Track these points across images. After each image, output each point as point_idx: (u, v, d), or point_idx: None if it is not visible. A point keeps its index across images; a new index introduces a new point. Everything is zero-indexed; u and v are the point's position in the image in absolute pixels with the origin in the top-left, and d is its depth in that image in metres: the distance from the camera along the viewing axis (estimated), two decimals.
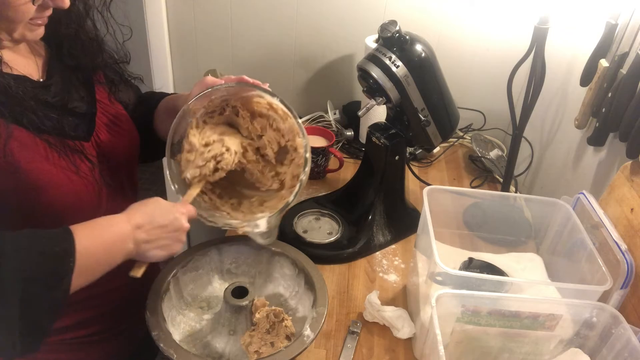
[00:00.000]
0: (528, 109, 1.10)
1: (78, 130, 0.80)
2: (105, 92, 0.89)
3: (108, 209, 0.81)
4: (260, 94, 0.84)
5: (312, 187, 1.32)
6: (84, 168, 0.78)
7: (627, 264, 0.80)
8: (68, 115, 0.79)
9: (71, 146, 0.77)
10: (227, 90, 0.83)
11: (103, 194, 0.83)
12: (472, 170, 1.45)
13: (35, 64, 0.79)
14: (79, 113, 0.82)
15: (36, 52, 0.81)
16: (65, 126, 0.77)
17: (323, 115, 1.58)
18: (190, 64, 1.63)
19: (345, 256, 1.10)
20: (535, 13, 1.03)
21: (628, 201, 0.87)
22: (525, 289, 0.88)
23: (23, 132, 0.71)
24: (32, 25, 0.71)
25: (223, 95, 0.84)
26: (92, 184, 0.80)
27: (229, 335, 0.85)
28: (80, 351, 0.90)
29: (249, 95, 0.85)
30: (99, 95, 0.87)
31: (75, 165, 0.76)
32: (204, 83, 0.83)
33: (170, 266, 0.91)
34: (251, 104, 0.85)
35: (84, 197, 0.79)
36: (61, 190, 0.75)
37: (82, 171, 0.78)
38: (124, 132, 0.89)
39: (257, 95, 0.84)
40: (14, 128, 0.69)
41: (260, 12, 1.50)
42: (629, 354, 0.72)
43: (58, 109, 0.77)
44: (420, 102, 1.02)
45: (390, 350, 0.92)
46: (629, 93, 0.93)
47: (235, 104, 0.85)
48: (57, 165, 0.74)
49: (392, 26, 0.97)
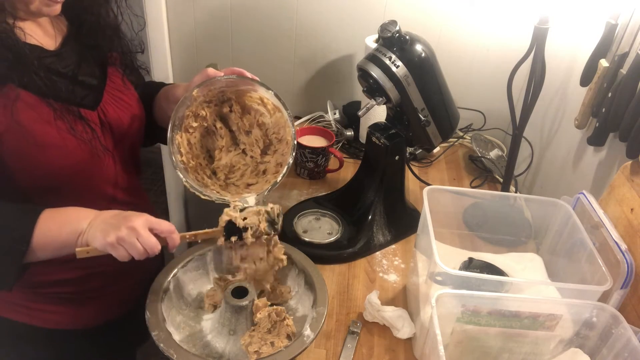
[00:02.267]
0: (528, 109, 1.10)
1: (85, 99, 0.86)
2: (119, 73, 0.95)
3: (109, 176, 0.90)
4: (256, 88, 0.89)
5: (312, 187, 1.32)
6: (84, 134, 0.83)
7: (627, 264, 0.80)
8: (78, 85, 0.85)
9: (74, 112, 0.82)
10: (226, 82, 0.88)
11: (104, 161, 0.88)
12: (472, 170, 1.45)
13: (53, 37, 0.85)
14: (89, 85, 0.87)
15: (57, 27, 0.87)
16: (72, 94, 0.83)
17: (323, 115, 1.58)
18: (190, 63, 1.63)
19: (345, 256, 1.10)
20: (535, 13, 1.03)
21: (628, 201, 0.87)
22: (525, 289, 0.88)
23: (30, 95, 0.77)
24: (48, 1, 0.77)
25: (222, 86, 0.89)
26: (92, 150, 0.84)
27: (229, 335, 0.85)
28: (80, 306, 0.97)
29: (243, 89, 0.90)
30: (111, 74, 0.92)
31: (75, 129, 0.81)
32: (205, 73, 0.88)
33: (170, 266, 0.91)
34: (244, 97, 0.91)
35: (83, 161, 0.83)
36: (61, 151, 0.80)
37: (82, 136, 0.82)
38: (130, 107, 0.94)
39: (251, 89, 0.90)
40: (22, 91, 0.76)
41: (260, 12, 1.50)
42: (629, 354, 0.72)
43: (68, 78, 0.83)
44: (420, 102, 1.02)
45: (390, 350, 0.92)
46: (629, 93, 0.93)
47: (231, 97, 0.91)
48: (59, 128, 0.79)
49: (392, 26, 0.97)
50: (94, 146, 0.84)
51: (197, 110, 0.89)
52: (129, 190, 0.96)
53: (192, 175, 0.89)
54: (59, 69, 0.83)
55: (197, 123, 0.90)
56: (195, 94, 0.87)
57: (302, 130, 1.37)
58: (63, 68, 0.83)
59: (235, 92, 0.91)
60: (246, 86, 0.90)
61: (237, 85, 0.90)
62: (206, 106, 0.90)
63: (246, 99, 0.92)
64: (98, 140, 0.85)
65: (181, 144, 0.88)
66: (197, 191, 0.87)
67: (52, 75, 0.80)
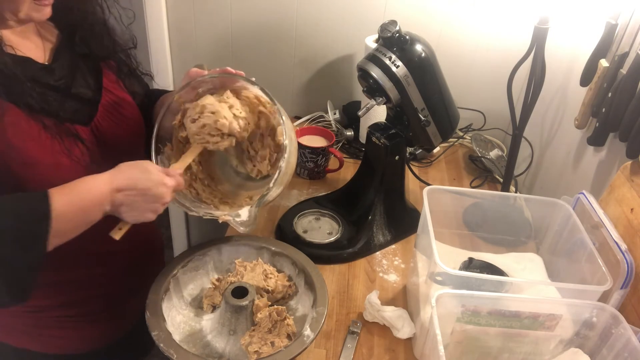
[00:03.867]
0: (528, 109, 1.10)
1: (78, 114, 0.82)
2: (114, 79, 0.90)
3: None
4: (244, 85, 0.86)
5: (312, 187, 1.32)
6: (76, 151, 0.79)
7: (627, 264, 0.80)
8: (70, 99, 0.81)
9: (66, 129, 0.78)
10: (212, 81, 0.85)
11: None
12: (472, 170, 1.45)
13: (42, 48, 0.81)
14: (83, 98, 0.83)
15: (45, 38, 0.82)
16: (64, 109, 0.79)
17: (323, 115, 1.58)
18: (190, 64, 1.63)
19: (345, 256, 1.10)
20: (535, 13, 1.03)
21: (628, 201, 0.87)
22: (525, 289, 0.88)
23: (18, 111, 0.72)
24: (37, 5, 0.72)
25: (209, 87, 0.86)
26: (85, 168, 0.80)
27: (229, 335, 0.85)
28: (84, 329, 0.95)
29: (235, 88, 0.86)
30: (106, 83, 0.88)
31: (67, 147, 0.77)
32: (188, 75, 0.85)
33: (170, 266, 0.91)
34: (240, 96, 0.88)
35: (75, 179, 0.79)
36: (51, 171, 0.76)
37: (75, 154, 0.79)
38: (128, 120, 0.90)
39: (241, 87, 0.86)
40: (10, 107, 0.71)
41: (260, 12, 1.50)
42: (629, 354, 0.72)
43: (60, 92, 0.79)
44: (420, 102, 1.02)
45: (390, 350, 0.92)
46: (629, 93, 0.93)
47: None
48: (48, 146, 0.75)
49: (392, 26, 0.97)
50: (83, 162, 0.80)
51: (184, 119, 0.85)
52: None
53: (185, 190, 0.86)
54: (51, 83, 0.79)
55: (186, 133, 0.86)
56: (179, 98, 0.83)
57: (302, 130, 1.37)
58: (55, 81, 0.80)
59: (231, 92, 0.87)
60: (233, 84, 0.87)
61: (225, 84, 0.86)
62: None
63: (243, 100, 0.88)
64: (88, 156, 0.81)
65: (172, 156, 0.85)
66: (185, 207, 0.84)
67: (43, 90, 0.76)
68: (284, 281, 0.93)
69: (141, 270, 0.99)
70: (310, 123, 1.56)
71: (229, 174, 0.96)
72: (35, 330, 0.91)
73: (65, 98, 0.80)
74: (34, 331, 0.91)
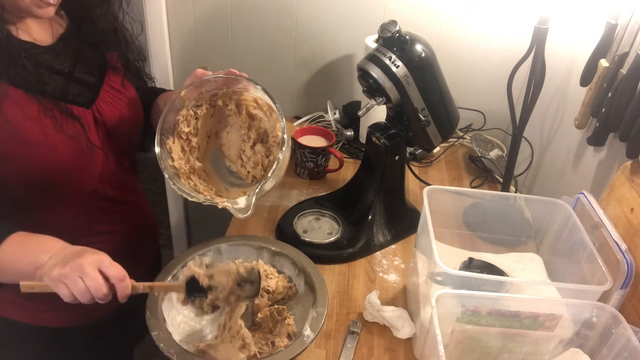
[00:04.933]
0: (528, 109, 1.10)
1: (80, 97, 0.85)
2: (120, 73, 0.93)
3: (102, 175, 0.89)
4: (247, 87, 0.88)
5: (312, 187, 1.32)
6: (74, 131, 0.82)
7: (627, 264, 0.80)
8: (74, 82, 0.84)
9: (63, 108, 0.80)
10: (215, 81, 0.88)
11: (96, 159, 0.87)
12: (472, 170, 1.45)
13: (50, 33, 0.84)
14: (86, 83, 0.86)
15: (57, 24, 0.86)
16: (65, 91, 0.82)
17: (323, 115, 1.58)
18: (190, 64, 1.63)
19: (345, 256, 1.10)
20: (535, 13, 1.03)
21: (628, 201, 0.87)
22: (525, 289, 0.88)
23: (19, 91, 0.75)
24: (40, 2, 0.75)
25: (213, 88, 0.89)
26: (83, 148, 0.83)
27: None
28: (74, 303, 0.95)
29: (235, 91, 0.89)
30: (110, 74, 0.91)
31: (63, 127, 0.80)
32: (194, 75, 0.88)
33: (170, 266, 0.91)
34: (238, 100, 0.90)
35: (73, 158, 0.82)
36: (49, 149, 0.79)
37: (72, 134, 0.81)
38: (129, 107, 0.93)
39: (242, 89, 0.88)
40: (11, 88, 0.74)
41: (260, 12, 1.50)
42: (629, 354, 0.72)
43: (63, 75, 0.83)
44: (420, 102, 1.02)
45: (390, 350, 0.92)
46: (629, 93, 0.93)
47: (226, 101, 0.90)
48: (47, 125, 0.78)
49: (392, 26, 0.97)
50: (81, 143, 0.83)
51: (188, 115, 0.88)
52: (121, 188, 0.96)
53: (184, 181, 0.87)
54: (54, 65, 0.82)
55: (189, 129, 0.88)
56: (184, 95, 0.86)
57: (302, 130, 1.37)
58: (58, 64, 0.83)
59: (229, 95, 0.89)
60: (236, 85, 0.89)
61: (228, 84, 0.89)
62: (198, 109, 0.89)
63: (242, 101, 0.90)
64: (86, 137, 0.83)
65: (173, 149, 0.87)
66: (185, 193, 0.85)
67: (44, 71, 0.79)
68: (284, 282, 0.93)
69: (135, 248, 1.02)
70: (310, 123, 1.56)
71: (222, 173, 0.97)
72: (25, 302, 0.92)
73: (68, 81, 0.83)
74: (24, 303, 0.92)
